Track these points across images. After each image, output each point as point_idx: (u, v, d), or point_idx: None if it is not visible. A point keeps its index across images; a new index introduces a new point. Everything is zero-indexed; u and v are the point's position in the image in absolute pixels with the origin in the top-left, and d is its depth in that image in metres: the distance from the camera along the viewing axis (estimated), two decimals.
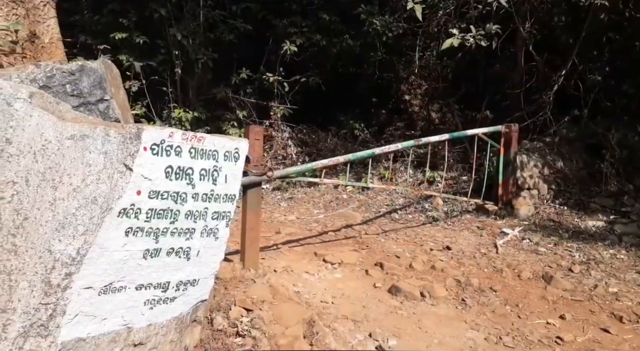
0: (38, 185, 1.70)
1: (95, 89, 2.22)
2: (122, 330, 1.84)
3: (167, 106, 7.39)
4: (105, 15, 6.98)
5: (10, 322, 1.58)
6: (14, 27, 2.48)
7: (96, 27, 7.12)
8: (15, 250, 1.64)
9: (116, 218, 1.80)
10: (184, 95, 7.62)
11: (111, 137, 1.80)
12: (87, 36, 7.09)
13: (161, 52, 7.16)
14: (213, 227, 2.12)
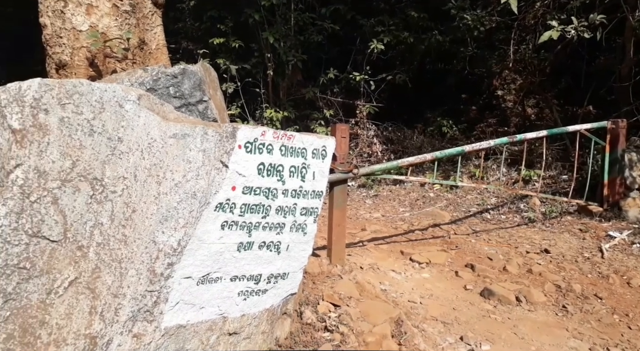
0: (144, 180, 1.79)
1: (195, 91, 2.31)
2: (218, 319, 1.89)
3: (260, 106, 7.66)
4: (204, 22, 7.41)
5: (121, 306, 1.68)
6: (126, 36, 2.68)
7: (196, 34, 7.59)
8: (125, 240, 1.75)
9: (213, 212, 1.84)
10: (275, 96, 7.84)
11: (209, 136, 1.84)
12: (188, 42, 7.60)
13: (254, 55, 7.43)
14: (302, 222, 2.10)
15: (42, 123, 1.72)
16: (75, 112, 1.77)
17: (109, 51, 2.76)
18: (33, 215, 1.68)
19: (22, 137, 1.69)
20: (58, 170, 1.74)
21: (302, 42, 7.47)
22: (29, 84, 1.72)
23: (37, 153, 1.71)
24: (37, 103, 1.72)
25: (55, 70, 2.80)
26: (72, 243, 1.72)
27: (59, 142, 1.74)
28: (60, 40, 2.72)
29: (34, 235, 1.67)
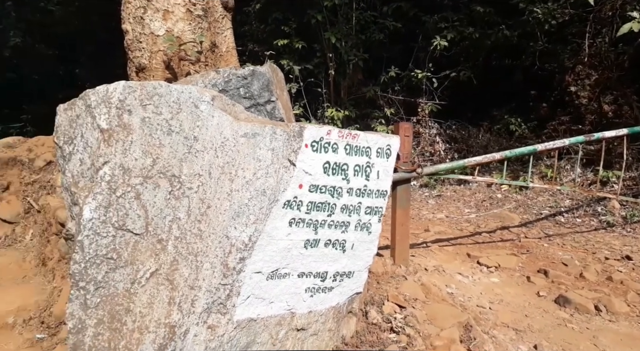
0: (218, 177, 1.84)
1: (263, 91, 2.35)
2: (286, 314, 1.91)
3: (321, 106, 7.70)
4: (269, 24, 7.58)
5: (197, 298, 1.75)
6: (199, 39, 2.79)
7: (261, 36, 7.79)
8: (201, 234, 1.81)
9: (281, 209, 1.86)
10: (336, 95, 7.85)
11: (278, 135, 1.87)
12: (254, 44, 7.81)
13: (317, 56, 7.49)
14: (366, 221, 2.07)
15: (126, 123, 1.83)
16: (155, 113, 1.86)
17: (183, 54, 2.88)
18: (119, 209, 1.79)
19: (109, 136, 1.81)
20: (140, 167, 1.84)
21: (363, 41, 7.41)
22: (114, 86, 1.84)
23: (122, 151, 1.83)
24: (121, 104, 1.83)
25: (136, 73, 2.98)
26: (153, 236, 1.82)
27: (141, 140, 1.84)
28: (140, 44, 2.89)
29: (119, 227, 1.78)
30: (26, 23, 11.07)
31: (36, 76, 11.44)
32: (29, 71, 11.36)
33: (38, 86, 11.44)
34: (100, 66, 11.34)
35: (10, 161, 2.71)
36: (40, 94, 11.40)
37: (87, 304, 1.72)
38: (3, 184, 2.67)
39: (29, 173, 2.74)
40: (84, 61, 11.64)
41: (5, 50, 10.84)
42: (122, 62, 10.18)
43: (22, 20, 11.08)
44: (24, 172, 2.75)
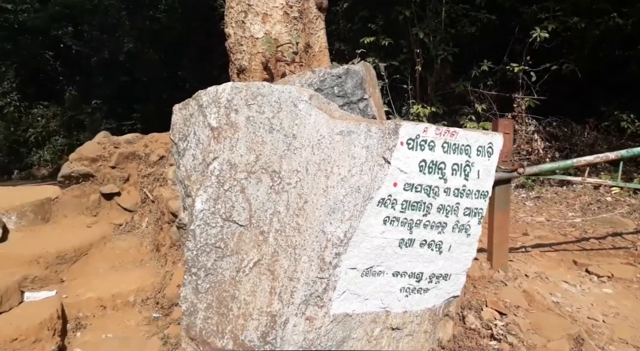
0: (314, 174, 1.88)
1: (356, 89, 2.35)
2: (381, 312, 1.90)
3: (406, 102, 7.53)
4: (356, 22, 7.57)
5: (296, 290, 1.81)
6: (295, 40, 2.87)
7: (348, 34, 7.80)
8: (299, 228, 1.87)
9: (376, 207, 1.85)
10: (422, 91, 7.62)
11: (372, 133, 1.85)
12: (340, 43, 7.85)
13: (403, 52, 7.33)
14: (465, 223, 1.98)
15: (233, 122, 1.95)
16: (258, 112, 1.96)
17: (280, 55, 2.99)
18: (226, 201, 1.92)
19: (218, 134, 1.94)
20: (245, 163, 1.95)
21: (452, 35, 7.10)
22: (223, 87, 1.96)
23: (229, 148, 1.95)
24: (229, 104, 1.95)
25: (237, 75, 3.15)
26: (256, 228, 1.92)
27: (246, 138, 1.95)
28: (240, 47, 3.05)
29: (226, 219, 1.90)
30: (138, 30, 12.26)
31: (145, 78, 12.62)
32: (139, 74, 12.57)
33: (146, 88, 12.62)
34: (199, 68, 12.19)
35: (130, 155, 3.04)
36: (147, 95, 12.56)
37: (198, 289, 1.87)
38: (124, 176, 3.00)
39: (145, 167, 3.05)
40: (185, 64, 12.59)
41: (120, 56, 12.11)
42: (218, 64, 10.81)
43: (134, 28, 12.29)
44: (140, 165, 3.06)
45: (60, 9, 11.52)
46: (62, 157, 12.05)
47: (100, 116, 12.20)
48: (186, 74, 12.78)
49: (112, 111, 12.41)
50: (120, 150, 3.02)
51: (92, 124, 11.92)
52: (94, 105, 12.22)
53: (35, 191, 3.12)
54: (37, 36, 11.60)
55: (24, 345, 1.94)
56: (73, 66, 12.74)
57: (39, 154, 12.00)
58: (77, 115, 12.14)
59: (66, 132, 12.24)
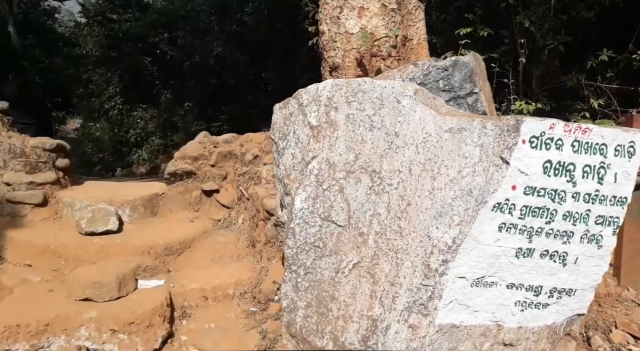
0: (419, 174, 1.83)
1: (465, 83, 2.25)
2: (492, 326, 1.79)
3: (507, 98, 7.07)
4: (450, 13, 7.28)
5: (398, 295, 1.77)
6: (395, 33, 2.82)
7: (441, 26, 7.52)
8: (401, 231, 1.82)
9: (490, 212, 1.74)
10: (526, 86, 7.10)
11: (488, 130, 1.75)
12: (432, 35, 7.59)
13: (504, 43, 6.90)
14: (596, 232, 1.79)
15: (333, 120, 1.96)
16: (358, 109, 1.95)
17: (375, 50, 2.96)
18: (324, 201, 1.93)
19: (317, 132, 1.97)
20: (344, 162, 1.95)
21: (564, 22, 6.51)
22: (324, 85, 1.98)
23: (329, 147, 1.97)
24: (329, 102, 1.96)
25: (329, 73, 3.19)
26: (354, 229, 1.91)
27: (345, 136, 1.95)
28: (334, 44, 3.08)
29: (325, 218, 1.92)
30: (226, 34, 13.00)
31: (232, 81, 13.33)
32: (227, 77, 13.31)
33: (233, 90, 13.32)
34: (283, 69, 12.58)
35: (227, 154, 3.22)
36: (234, 97, 13.25)
37: (298, 287, 1.91)
38: (222, 174, 3.18)
39: (240, 165, 3.21)
40: (269, 65, 13.08)
41: (210, 60, 12.93)
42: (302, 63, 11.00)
43: (223, 32, 13.05)
44: (237, 164, 3.23)
45: (158, 16, 12.59)
46: (157, 156, 13.17)
47: (192, 118, 13.11)
48: (270, 75, 13.27)
49: (202, 113, 13.27)
50: (218, 149, 3.22)
51: (185, 125, 12.87)
52: (186, 107, 13.15)
53: (145, 187, 3.44)
54: (137, 43, 12.80)
55: (140, 328, 2.14)
56: (168, 71, 13.83)
57: (138, 153, 13.19)
58: (172, 117, 13.16)
59: (162, 133, 13.33)
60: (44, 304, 2.24)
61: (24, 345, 2.08)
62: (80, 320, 2.15)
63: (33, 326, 2.08)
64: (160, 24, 12.70)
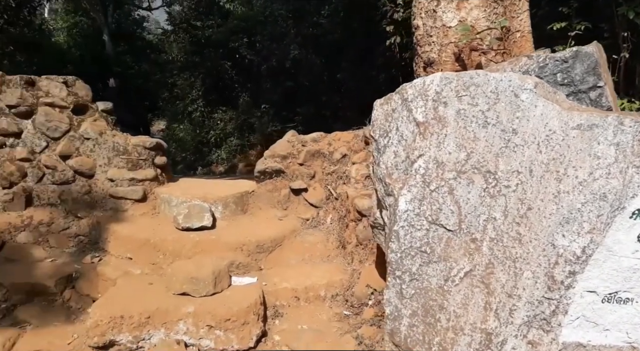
0: (541, 176, 1.66)
1: (587, 76, 2.02)
2: (625, 348, 1.58)
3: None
4: (542, 7, 6.78)
5: (516, 308, 1.61)
6: (502, 24, 2.63)
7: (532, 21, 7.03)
8: (520, 238, 1.66)
9: (628, 219, 1.54)
10: (628, 83, 6.42)
11: (625, 127, 1.55)
12: None
13: (604, 37, 6.29)
14: None
15: (441, 116, 1.84)
16: (470, 104, 1.81)
17: (475, 44, 2.79)
18: (432, 203, 1.82)
19: (424, 129, 1.85)
20: (454, 161, 1.82)
21: None
22: (431, 78, 1.86)
23: (436, 145, 1.84)
24: (437, 97, 1.84)
25: (423, 68, 3.05)
26: (466, 234, 1.78)
27: (455, 134, 1.82)
28: (430, 38, 2.94)
29: (432, 222, 1.81)
30: (302, 37, 13.19)
31: (307, 83, 13.50)
32: (302, 79, 13.50)
33: (308, 92, 13.48)
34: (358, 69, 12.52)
35: (315, 153, 3.20)
36: (309, 98, 13.40)
37: (403, 294, 1.81)
38: (310, 173, 3.17)
39: (328, 164, 3.17)
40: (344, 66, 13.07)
41: (286, 62, 13.19)
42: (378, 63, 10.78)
43: (299, 35, 13.26)
44: (324, 163, 3.20)
45: (238, 22, 13.08)
46: (235, 155, 13.69)
47: (268, 119, 13.46)
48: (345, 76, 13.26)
49: (278, 114, 13.58)
50: (307, 148, 3.21)
51: (261, 126, 13.25)
52: (263, 109, 13.52)
53: (235, 185, 3.53)
54: (218, 49, 13.39)
55: (235, 325, 2.16)
56: (246, 74, 14.33)
57: (217, 153, 13.80)
58: (249, 118, 13.61)
59: (239, 133, 13.84)
60: (145, 297, 2.33)
61: (127, 336, 2.16)
62: (179, 314, 2.20)
63: (135, 319, 2.16)
64: (240, 29, 13.19)
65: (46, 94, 3.33)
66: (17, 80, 3.30)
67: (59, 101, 3.31)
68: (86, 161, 3.31)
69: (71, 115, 3.36)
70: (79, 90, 3.46)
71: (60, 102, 3.31)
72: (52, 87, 3.35)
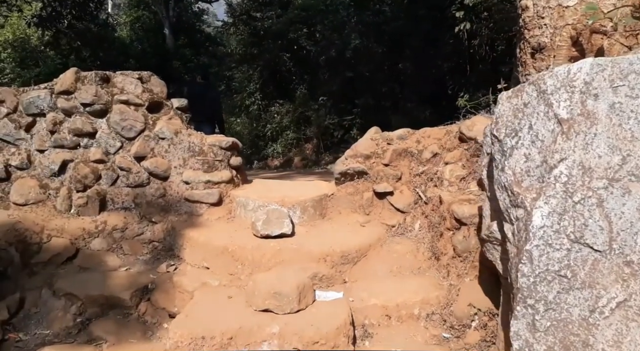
0: None
1: None
2: None
3: None
4: None
5: None
6: None
7: None
8: None
9: None
10: None
11: None
12: None
13: None
14: None
15: (590, 111, 1.54)
16: (629, 96, 1.49)
17: (597, 25, 2.41)
18: (575, 217, 1.53)
19: (568, 128, 1.56)
20: (604, 166, 1.52)
21: None
22: (579, 66, 1.56)
23: (583, 147, 1.55)
24: (586, 88, 1.54)
25: (530, 55, 2.72)
26: (619, 256, 1.48)
27: (607, 132, 1.51)
28: (540, 21, 2.60)
29: (575, 240, 1.52)
30: (363, 25, 12.85)
31: (367, 73, 13.16)
32: (362, 69, 13.18)
33: (367, 82, 13.14)
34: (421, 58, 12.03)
35: (402, 152, 2.95)
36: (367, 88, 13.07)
37: (536, 326, 1.54)
38: (397, 174, 2.92)
39: (416, 165, 2.92)
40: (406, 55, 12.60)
41: (347, 52, 12.92)
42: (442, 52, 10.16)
43: (360, 23, 12.94)
44: (412, 163, 2.94)
45: (298, 12, 12.96)
46: (290, 149, 13.66)
47: (325, 112, 13.28)
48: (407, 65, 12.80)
49: (335, 106, 13.36)
50: (393, 146, 2.96)
51: (317, 119, 13.09)
52: (320, 101, 13.35)
53: (312, 187, 3.35)
54: (277, 40, 13.34)
55: (324, 347, 1.97)
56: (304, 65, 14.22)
57: (273, 147, 13.84)
58: (305, 111, 13.50)
59: (295, 127, 13.77)
60: (226, 313, 2.21)
61: None
62: (263, 335, 2.05)
63: (217, 339, 2.03)
64: (299, 19, 13.06)
65: (121, 91, 3.28)
66: (92, 76, 3.23)
67: (134, 98, 3.26)
68: (161, 162, 3.25)
69: (146, 114, 3.30)
70: (154, 86, 3.40)
71: (135, 99, 3.26)
72: (127, 84, 3.31)
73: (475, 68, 10.10)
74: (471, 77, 10.19)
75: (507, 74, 9.57)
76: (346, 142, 12.81)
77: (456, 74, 10.76)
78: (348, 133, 12.92)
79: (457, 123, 2.94)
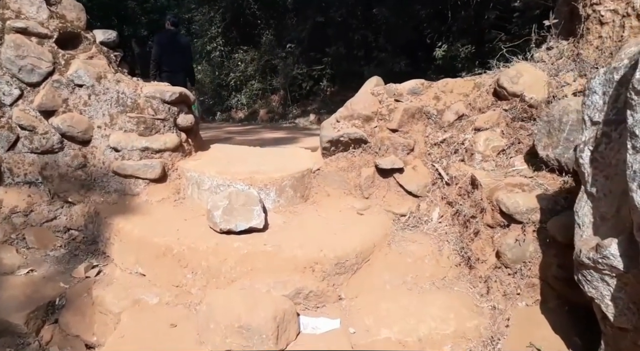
0: None
1: None
2: None
3: None
4: None
5: None
6: None
7: None
8: None
9: None
10: None
11: None
12: None
13: None
14: None
15: None
16: None
17: None
18: None
19: None
20: None
21: None
22: None
23: None
24: None
25: None
26: None
27: None
28: None
29: None
30: None
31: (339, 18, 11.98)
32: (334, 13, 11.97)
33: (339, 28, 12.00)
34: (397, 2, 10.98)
35: (416, 113, 2.11)
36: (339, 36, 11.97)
37: None
38: (408, 144, 2.09)
39: (434, 130, 2.10)
40: None
41: None
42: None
43: None
44: (429, 128, 2.12)
45: None
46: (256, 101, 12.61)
47: (292, 60, 12.16)
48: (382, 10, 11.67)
49: (304, 55, 12.25)
50: (403, 105, 2.11)
51: (285, 68, 11.99)
52: (288, 49, 12.21)
53: (291, 158, 2.42)
54: None
55: None
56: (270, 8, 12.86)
57: (237, 98, 12.75)
58: (272, 59, 12.35)
59: (261, 76, 12.66)
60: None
61: None
62: None
63: None
64: None
65: (17, 15, 2.24)
66: None
67: (37, 26, 2.22)
68: (78, 119, 2.26)
69: (55, 49, 2.29)
70: (67, 10, 2.36)
71: (38, 27, 2.23)
72: (26, 4, 2.26)
73: (457, 14, 9.21)
74: (452, 24, 9.32)
75: (493, 21, 8.66)
76: (315, 94, 11.82)
77: (435, 20, 9.86)
78: (317, 84, 11.97)
79: (490, 73, 2.11)
